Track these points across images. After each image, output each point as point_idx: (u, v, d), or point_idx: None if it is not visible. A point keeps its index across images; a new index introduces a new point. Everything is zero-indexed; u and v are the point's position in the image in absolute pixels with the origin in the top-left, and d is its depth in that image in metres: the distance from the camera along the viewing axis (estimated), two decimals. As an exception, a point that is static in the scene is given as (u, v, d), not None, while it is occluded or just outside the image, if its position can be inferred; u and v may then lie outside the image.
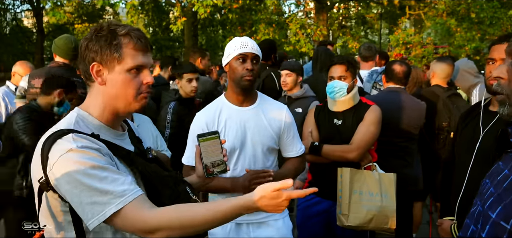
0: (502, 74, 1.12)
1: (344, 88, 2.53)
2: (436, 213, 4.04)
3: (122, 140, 1.30)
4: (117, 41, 1.19)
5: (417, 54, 12.59)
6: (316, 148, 2.53)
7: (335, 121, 2.61)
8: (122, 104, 1.23)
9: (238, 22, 13.83)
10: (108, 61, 1.20)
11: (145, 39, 1.23)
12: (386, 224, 2.43)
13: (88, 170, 1.08)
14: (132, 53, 1.20)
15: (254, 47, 1.98)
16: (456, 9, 13.55)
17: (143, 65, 1.22)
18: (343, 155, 2.49)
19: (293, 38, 13.63)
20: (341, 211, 2.45)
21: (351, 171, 2.45)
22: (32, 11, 20.66)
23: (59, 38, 3.28)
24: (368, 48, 4.37)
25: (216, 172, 1.46)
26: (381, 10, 19.24)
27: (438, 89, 3.34)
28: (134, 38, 1.20)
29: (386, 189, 2.46)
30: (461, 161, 1.96)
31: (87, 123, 1.22)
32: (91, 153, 1.11)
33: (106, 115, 1.25)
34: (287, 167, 2.18)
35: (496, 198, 1.06)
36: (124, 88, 1.21)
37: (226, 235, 2.12)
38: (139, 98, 1.23)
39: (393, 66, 3.14)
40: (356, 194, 2.44)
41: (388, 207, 2.43)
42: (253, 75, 1.98)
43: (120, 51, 1.19)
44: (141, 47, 1.21)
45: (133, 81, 1.21)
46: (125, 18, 13.96)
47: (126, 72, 1.20)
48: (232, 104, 2.08)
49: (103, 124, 1.24)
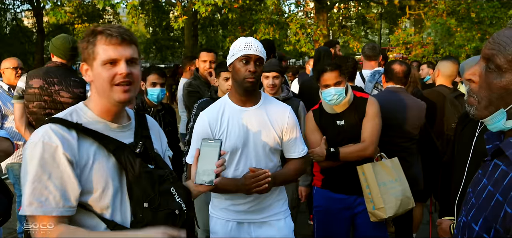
0: (474, 77, 1.07)
1: (342, 93, 2.56)
2: (436, 213, 4.05)
3: (118, 132, 1.37)
4: (93, 39, 1.29)
5: (417, 54, 12.59)
6: (334, 154, 2.55)
7: (337, 122, 2.63)
8: (105, 96, 1.31)
9: (238, 22, 13.84)
10: (88, 59, 1.31)
11: (119, 33, 1.28)
12: (409, 205, 2.59)
13: (35, 166, 1.19)
14: (104, 48, 1.27)
15: (258, 49, 1.97)
16: (456, 9, 13.55)
17: (116, 58, 1.28)
18: (361, 154, 2.54)
19: (293, 38, 13.64)
20: (375, 206, 2.51)
21: (371, 165, 2.53)
22: (32, 11, 20.67)
23: (57, 38, 3.24)
24: (372, 48, 4.36)
25: (204, 181, 1.45)
26: (381, 10, 19.26)
27: (444, 90, 3.31)
28: (105, 34, 1.28)
29: (398, 173, 2.61)
30: (460, 161, 1.97)
31: (81, 114, 1.33)
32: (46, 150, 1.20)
33: (99, 108, 1.35)
34: (288, 168, 2.17)
35: (477, 209, 1.05)
36: (101, 81, 1.29)
37: (227, 234, 2.12)
38: (116, 90, 1.29)
39: (393, 66, 3.14)
40: (381, 186, 2.52)
41: (406, 189, 2.59)
42: (256, 77, 1.97)
43: (93, 48, 1.28)
44: (114, 41, 1.27)
45: (106, 74, 1.28)
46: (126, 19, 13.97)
47: (100, 66, 1.28)
48: (235, 104, 2.07)
49: (97, 116, 1.34)
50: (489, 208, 1.00)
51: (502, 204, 0.96)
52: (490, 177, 1.05)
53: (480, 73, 1.05)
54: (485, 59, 1.04)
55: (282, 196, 2.24)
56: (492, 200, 1.00)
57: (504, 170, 1.00)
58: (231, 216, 2.14)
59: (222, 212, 2.16)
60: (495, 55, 1.00)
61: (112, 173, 1.29)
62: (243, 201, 2.09)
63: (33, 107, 3.05)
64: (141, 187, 1.28)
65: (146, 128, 1.48)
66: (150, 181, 1.29)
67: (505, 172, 0.99)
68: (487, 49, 1.03)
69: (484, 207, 1.02)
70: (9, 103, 3.68)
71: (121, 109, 1.40)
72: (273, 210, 2.16)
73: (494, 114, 1.03)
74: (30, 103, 3.05)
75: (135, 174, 1.29)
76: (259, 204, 2.11)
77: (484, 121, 1.07)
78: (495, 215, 0.97)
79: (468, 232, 1.07)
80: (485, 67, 1.04)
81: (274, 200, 2.17)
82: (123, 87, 1.29)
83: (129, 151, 1.32)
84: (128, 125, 1.42)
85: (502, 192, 0.97)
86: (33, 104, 3.04)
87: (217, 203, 2.19)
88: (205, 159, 1.46)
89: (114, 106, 1.34)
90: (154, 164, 1.37)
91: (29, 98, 3.05)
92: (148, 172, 1.31)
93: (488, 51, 1.02)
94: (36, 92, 3.02)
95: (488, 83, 1.02)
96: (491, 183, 1.03)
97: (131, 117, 1.47)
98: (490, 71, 1.02)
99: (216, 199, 2.20)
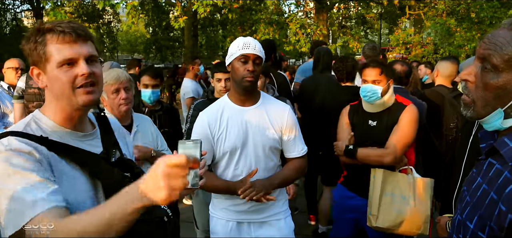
0: (470, 77, 1.06)
1: (378, 92, 2.50)
2: (436, 212, 4.04)
3: (85, 141, 1.24)
4: (42, 38, 1.14)
5: (417, 54, 12.58)
6: (351, 151, 2.52)
7: (369, 122, 2.58)
8: (65, 102, 1.17)
9: (238, 22, 13.84)
10: (39, 62, 1.15)
11: (72, 29, 1.14)
12: (418, 229, 2.38)
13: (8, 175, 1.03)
14: (57, 47, 1.13)
15: (256, 48, 1.97)
16: (456, 9, 13.55)
17: (73, 57, 1.14)
18: (379, 160, 2.46)
19: (293, 38, 13.63)
20: (371, 212, 2.44)
21: (385, 172, 2.43)
22: (32, 11, 20.67)
23: None
24: (373, 48, 4.36)
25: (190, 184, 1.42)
26: (381, 10, 19.26)
27: (443, 90, 3.31)
28: (57, 32, 1.13)
29: (421, 194, 2.40)
30: (460, 159, 1.98)
31: (40, 124, 1.18)
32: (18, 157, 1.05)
33: (59, 116, 1.20)
34: (289, 168, 2.17)
35: (472, 207, 1.06)
36: (59, 85, 1.14)
37: (228, 234, 2.13)
38: (78, 93, 1.15)
39: (394, 67, 3.14)
40: (388, 196, 2.41)
41: (420, 212, 2.37)
42: (254, 76, 1.98)
43: (44, 49, 1.13)
44: (68, 38, 1.13)
45: (65, 76, 1.13)
46: (126, 19, 13.97)
47: (56, 69, 1.13)
48: (235, 104, 2.08)
49: (57, 125, 1.20)
50: (484, 206, 1.01)
51: (497, 202, 0.97)
52: (485, 175, 1.05)
53: (476, 73, 1.05)
54: (480, 59, 1.04)
55: (282, 196, 2.24)
56: (486, 198, 1.01)
57: (499, 168, 1.01)
58: (231, 216, 2.14)
59: (222, 212, 2.16)
60: (491, 55, 1.00)
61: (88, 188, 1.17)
62: (243, 201, 2.09)
63: (33, 107, 3.06)
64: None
65: (111, 133, 1.35)
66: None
67: (500, 171, 1.00)
68: (482, 49, 1.03)
69: (479, 205, 1.03)
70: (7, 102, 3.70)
71: (84, 115, 1.26)
72: (273, 210, 2.16)
73: (491, 114, 1.03)
74: (30, 103, 3.06)
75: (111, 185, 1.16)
76: (259, 204, 2.11)
77: (481, 121, 1.08)
78: (489, 213, 0.98)
79: (463, 230, 1.08)
80: (480, 67, 1.04)
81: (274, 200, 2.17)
82: (86, 89, 1.15)
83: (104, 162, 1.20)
84: (94, 132, 1.29)
85: (496, 190, 0.98)
86: (33, 104, 3.06)
87: (217, 203, 2.19)
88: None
89: (77, 112, 1.20)
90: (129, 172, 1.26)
91: (29, 98, 3.06)
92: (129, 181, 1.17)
93: (483, 51, 1.03)
94: (36, 92, 3.03)
95: (485, 83, 1.03)
96: (485, 181, 1.04)
97: (94, 123, 1.33)
98: (487, 71, 1.02)
99: (216, 199, 2.20)
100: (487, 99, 1.03)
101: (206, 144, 2.04)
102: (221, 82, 3.09)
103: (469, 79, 1.07)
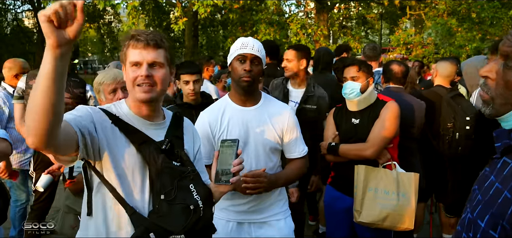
0: (491, 74, 1.05)
1: (357, 88, 2.57)
2: (436, 213, 4.04)
3: (153, 129, 1.47)
4: (127, 43, 1.43)
5: (418, 55, 12.56)
6: (334, 148, 2.61)
7: (353, 120, 2.65)
8: (131, 94, 1.44)
9: (239, 22, 13.83)
10: (124, 61, 1.44)
11: (145, 38, 1.39)
12: (403, 224, 2.42)
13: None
14: (132, 51, 1.41)
15: (254, 48, 1.98)
16: (457, 9, 13.51)
17: (138, 61, 1.39)
18: (359, 153, 2.54)
19: (293, 38, 13.61)
20: (355, 207, 2.50)
21: (367, 168, 2.49)
22: (33, 11, 20.70)
23: None
24: (373, 48, 4.36)
25: (222, 180, 1.51)
26: (381, 10, 19.23)
27: (441, 90, 3.32)
28: (134, 39, 1.41)
29: (405, 189, 2.45)
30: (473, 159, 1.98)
31: (119, 108, 1.47)
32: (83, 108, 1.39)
33: (132, 104, 1.47)
34: (289, 168, 2.18)
35: (484, 205, 1.04)
36: (128, 82, 1.43)
37: (228, 234, 2.12)
38: (137, 90, 1.40)
39: (392, 67, 3.14)
40: (371, 191, 2.47)
41: (404, 207, 2.42)
42: (252, 76, 1.98)
43: (126, 51, 1.42)
44: (140, 45, 1.39)
45: (131, 75, 1.40)
46: (126, 19, 13.97)
47: (129, 68, 1.41)
48: (236, 104, 2.08)
49: (130, 111, 1.47)
50: (497, 205, 0.99)
51: (510, 201, 0.95)
52: (499, 174, 1.04)
53: (498, 70, 1.03)
54: (503, 57, 1.02)
55: (283, 196, 2.24)
56: (499, 197, 0.99)
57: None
58: (231, 216, 2.14)
59: (222, 212, 2.16)
60: None
61: (138, 164, 1.39)
62: (243, 201, 2.10)
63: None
64: (161, 181, 1.36)
65: (179, 128, 1.57)
66: (170, 176, 1.37)
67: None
68: (506, 47, 1.01)
69: (491, 203, 1.01)
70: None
71: (153, 108, 1.48)
72: (274, 210, 2.16)
73: (511, 112, 1.02)
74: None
75: (157, 168, 1.37)
76: (260, 204, 2.11)
77: (499, 119, 1.06)
78: (502, 212, 0.97)
79: (473, 229, 1.06)
80: (503, 64, 1.02)
81: (275, 200, 2.17)
82: (143, 88, 1.39)
83: (155, 147, 1.40)
84: (163, 123, 1.52)
85: (510, 189, 0.97)
86: (34, 104, 3.05)
87: (217, 203, 2.19)
88: (223, 159, 1.53)
89: (141, 104, 1.44)
90: (179, 161, 1.44)
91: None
92: (170, 168, 1.38)
93: (507, 48, 1.01)
94: (36, 92, 3.02)
95: (506, 81, 1.01)
96: (499, 180, 1.02)
97: (166, 117, 1.56)
98: (509, 68, 1.00)
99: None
100: (507, 97, 1.01)
101: (206, 144, 2.04)
102: (189, 84, 2.81)
103: (490, 76, 1.05)
